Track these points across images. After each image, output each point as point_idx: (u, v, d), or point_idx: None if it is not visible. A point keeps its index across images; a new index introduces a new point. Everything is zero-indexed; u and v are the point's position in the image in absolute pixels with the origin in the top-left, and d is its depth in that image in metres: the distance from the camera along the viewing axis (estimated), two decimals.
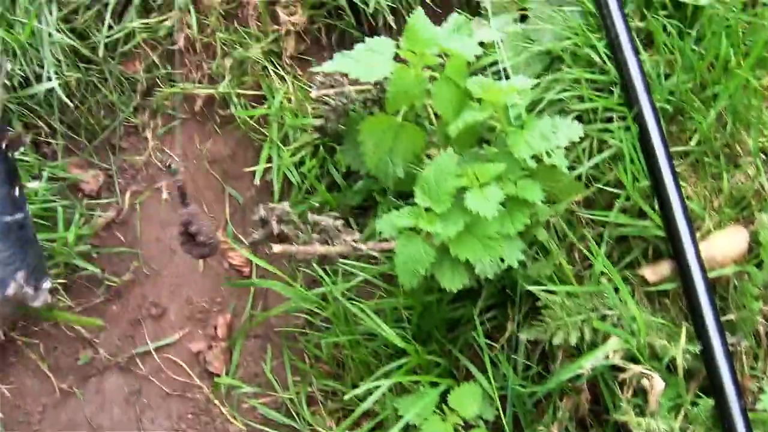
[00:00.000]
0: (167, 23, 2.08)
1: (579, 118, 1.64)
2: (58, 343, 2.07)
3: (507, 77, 1.69)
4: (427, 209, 1.51)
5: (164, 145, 2.15)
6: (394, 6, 2.03)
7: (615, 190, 1.63)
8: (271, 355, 2.02)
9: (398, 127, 1.60)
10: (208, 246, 1.52)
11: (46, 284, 1.11)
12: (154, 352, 2.07)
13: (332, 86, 1.70)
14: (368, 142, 1.61)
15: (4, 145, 0.92)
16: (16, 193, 1.00)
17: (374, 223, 1.77)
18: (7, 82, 1.97)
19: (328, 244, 1.54)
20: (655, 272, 1.61)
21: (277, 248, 1.50)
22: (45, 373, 2.04)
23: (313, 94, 1.72)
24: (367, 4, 1.98)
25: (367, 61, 1.54)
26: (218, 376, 2.03)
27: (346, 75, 1.70)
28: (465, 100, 1.57)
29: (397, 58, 1.55)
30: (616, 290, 1.55)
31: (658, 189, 1.60)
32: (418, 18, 1.55)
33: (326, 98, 1.70)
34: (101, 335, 2.07)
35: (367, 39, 1.57)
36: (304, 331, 1.93)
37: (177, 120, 2.14)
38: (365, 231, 1.84)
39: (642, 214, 1.62)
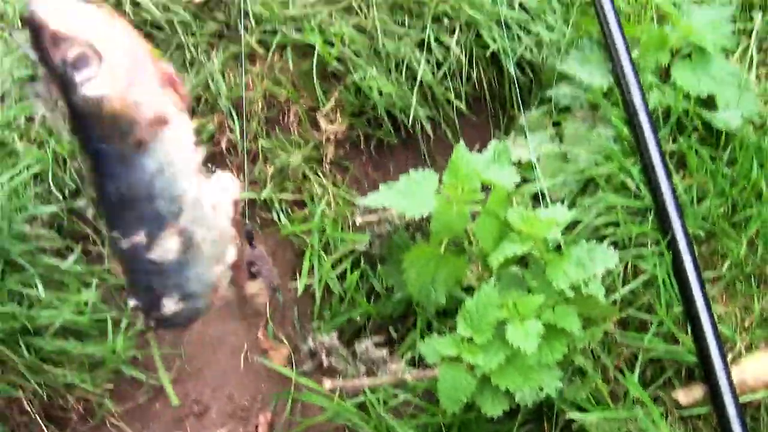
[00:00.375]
0: (210, 126, 2.20)
1: (614, 243, 1.74)
2: None
3: (543, 196, 1.80)
4: (469, 339, 1.62)
5: None
6: (431, 116, 2.14)
7: (648, 316, 1.73)
8: None
9: (440, 257, 1.71)
10: (270, 289, 1.60)
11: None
12: None
13: (375, 212, 1.82)
14: (411, 270, 1.72)
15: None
16: None
17: (414, 334, 1.90)
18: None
19: (375, 374, 1.66)
20: (688, 395, 1.71)
21: (327, 385, 1.61)
22: None
23: (358, 221, 1.84)
24: (406, 115, 2.09)
25: (411, 194, 1.65)
26: None
27: None
28: (505, 229, 1.68)
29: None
30: (647, 414, 1.65)
31: (690, 313, 1.70)
32: (460, 153, 1.66)
33: (370, 224, 1.81)
34: None
35: (411, 172, 1.68)
36: None
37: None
38: (405, 342, 1.95)
39: (675, 338, 1.72)
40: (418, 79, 2.13)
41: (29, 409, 1.97)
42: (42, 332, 1.94)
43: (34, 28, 0.82)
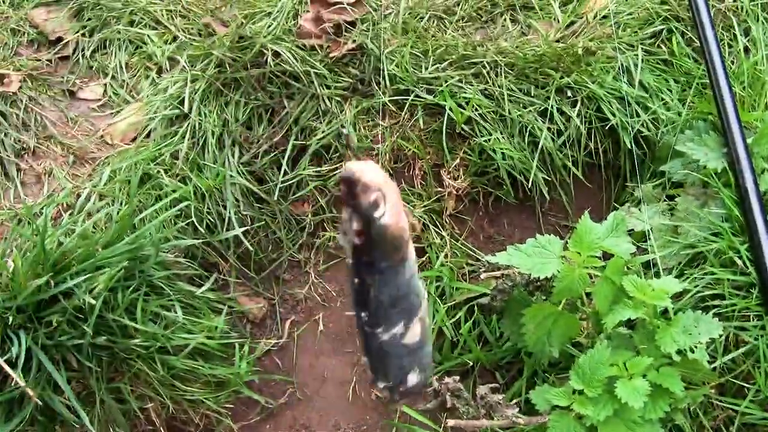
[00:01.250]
0: (337, 173, 2.53)
1: (718, 315, 2.01)
2: None
3: (654, 264, 2.08)
4: (580, 392, 1.90)
5: (324, 281, 2.59)
6: (548, 179, 2.44)
7: (746, 385, 1.99)
8: None
9: (558, 315, 2.00)
10: None
11: None
12: None
13: (499, 269, 2.12)
14: (530, 324, 2.02)
15: None
16: None
17: (520, 381, 2.19)
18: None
19: (491, 417, 1.94)
20: None
21: (451, 423, 1.90)
22: None
23: (483, 276, 2.14)
24: (525, 177, 2.40)
25: (537, 257, 1.95)
26: None
27: None
28: (620, 295, 1.96)
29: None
30: None
31: None
32: (585, 223, 1.96)
33: (494, 279, 2.11)
34: None
35: (537, 236, 1.98)
36: None
37: (338, 259, 2.57)
38: (511, 389, 2.24)
39: None
40: (540, 145, 2.43)
41: (155, 420, 2.27)
42: (175, 352, 2.22)
43: (352, 181, 1.18)
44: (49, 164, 2.56)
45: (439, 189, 2.46)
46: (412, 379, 1.50)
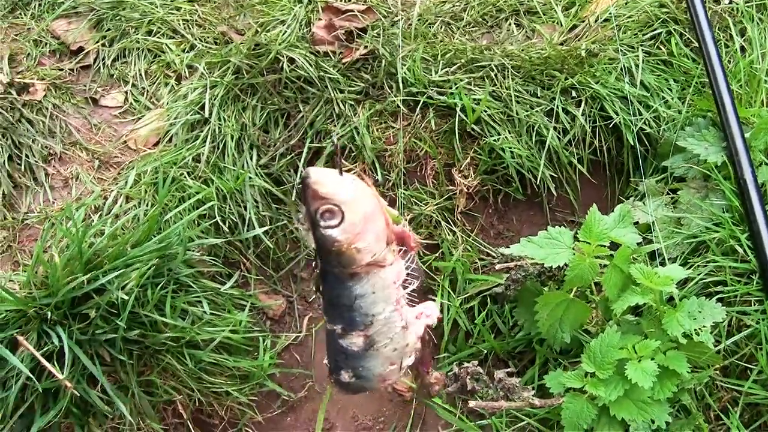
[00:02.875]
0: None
1: (720, 300, 2.13)
2: None
3: (659, 254, 2.21)
4: (592, 374, 2.02)
5: None
6: (555, 176, 2.57)
7: (749, 365, 2.11)
8: None
9: (569, 302, 2.12)
10: (416, 277, 2.02)
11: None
12: None
13: (512, 260, 2.24)
14: (543, 311, 2.14)
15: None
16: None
17: (532, 369, 2.30)
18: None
19: (508, 399, 2.06)
20: None
21: (472, 404, 2.02)
22: None
23: (497, 267, 2.26)
24: (533, 175, 2.53)
25: (549, 247, 2.07)
26: None
27: None
28: (628, 282, 2.08)
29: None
30: None
31: None
32: (594, 215, 2.08)
33: (507, 270, 2.23)
34: None
35: (549, 228, 2.10)
36: None
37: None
38: (524, 376, 2.35)
39: None
40: (547, 143, 2.56)
41: (182, 413, 2.37)
42: (202, 346, 2.32)
43: (305, 185, 1.29)
44: (75, 169, 2.67)
45: (451, 187, 2.57)
46: (345, 376, 1.60)
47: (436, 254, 2.56)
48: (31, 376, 2.05)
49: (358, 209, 1.34)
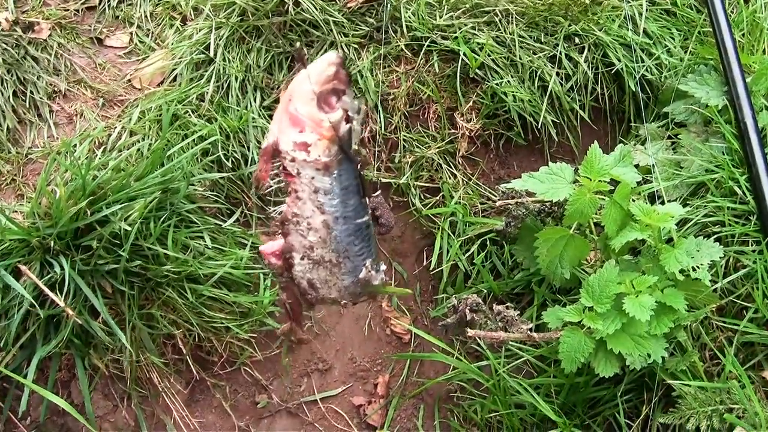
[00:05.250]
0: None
1: (718, 240, 2.15)
2: (239, 386, 2.61)
3: (659, 196, 2.23)
4: (590, 309, 2.04)
5: None
6: (556, 122, 2.59)
7: (746, 304, 2.13)
8: (424, 413, 2.54)
9: (569, 237, 2.14)
10: (387, 227, 2.04)
11: (383, 268, 1.65)
12: (319, 402, 2.60)
13: (513, 197, 2.25)
14: (543, 247, 2.16)
15: (359, 166, 1.47)
16: (367, 201, 1.54)
17: (530, 310, 2.33)
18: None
19: (507, 331, 2.08)
20: None
21: (471, 333, 2.04)
22: (226, 411, 2.57)
23: (498, 203, 2.28)
24: (535, 120, 2.54)
25: (550, 183, 2.09)
26: (375, 428, 2.56)
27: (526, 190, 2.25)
28: (627, 219, 2.10)
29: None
30: (742, 387, 2.06)
31: None
32: (595, 151, 2.09)
33: (508, 206, 2.25)
34: (275, 382, 2.60)
35: (550, 164, 2.12)
36: (458, 395, 2.46)
37: None
38: (523, 315, 2.37)
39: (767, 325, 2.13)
40: (549, 88, 2.57)
41: (182, 348, 2.39)
42: (203, 281, 2.34)
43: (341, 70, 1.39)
44: (79, 106, 2.69)
45: (453, 131, 2.59)
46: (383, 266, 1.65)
47: (437, 198, 2.57)
48: (34, 303, 2.06)
49: None
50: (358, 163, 1.46)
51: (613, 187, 2.07)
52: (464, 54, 2.51)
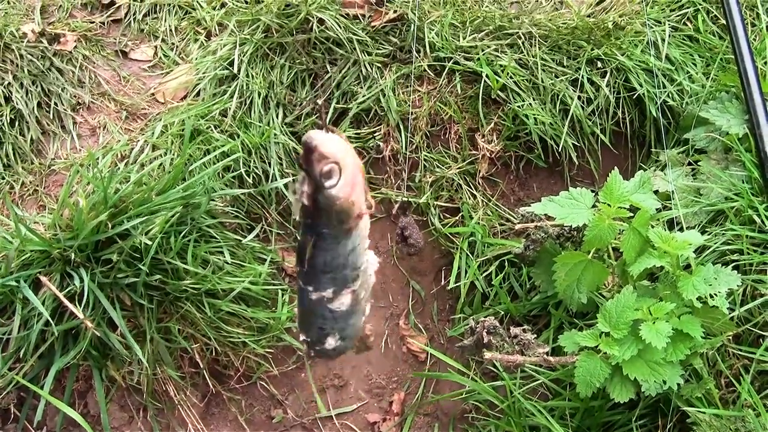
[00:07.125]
0: (377, 135, 2.70)
1: (736, 268, 2.17)
2: (255, 400, 2.64)
3: (678, 223, 2.25)
4: (607, 334, 2.07)
5: None
6: (577, 143, 2.62)
7: (763, 332, 2.16)
8: None
9: (587, 262, 2.17)
10: (416, 248, 2.06)
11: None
12: (334, 418, 2.63)
13: (532, 221, 2.28)
14: (561, 271, 2.19)
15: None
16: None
17: (547, 332, 2.35)
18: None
19: (523, 354, 2.11)
20: None
21: (488, 355, 2.07)
22: (242, 425, 2.60)
23: (517, 226, 2.31)
24: (556, 143, 2.58)
25: (570, 207, 2.12)
26: None
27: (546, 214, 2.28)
28: (645, 246, 2.12)
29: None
30: (757, 415, 2.08)
31: None
32: (615, 177, 2.12)
33: (527, 229, 2.28)
34: (290, 397, 2.64)
35: (570, 189, 2.14)
36: (473, 415, 2.49)
37: (372, 219, 2.74)
38: (539, 338, 2.40)
39: None
40: (570, 112, 2.61)
41: (199, 362, 2.42)
42: (221, 296, 2.37)
43: (310, 148, 1.27)
44: (103, 118, 2.73)
45: (474, 152, 2.62)
46: (330, 342, 1.63)
47: (456, 218, 2.60)
48: (50, 320, 2.12)
49: (350, 162, 1.35)
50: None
51: (632, 214, 2.09)
52: (486, 75, 2.54)
